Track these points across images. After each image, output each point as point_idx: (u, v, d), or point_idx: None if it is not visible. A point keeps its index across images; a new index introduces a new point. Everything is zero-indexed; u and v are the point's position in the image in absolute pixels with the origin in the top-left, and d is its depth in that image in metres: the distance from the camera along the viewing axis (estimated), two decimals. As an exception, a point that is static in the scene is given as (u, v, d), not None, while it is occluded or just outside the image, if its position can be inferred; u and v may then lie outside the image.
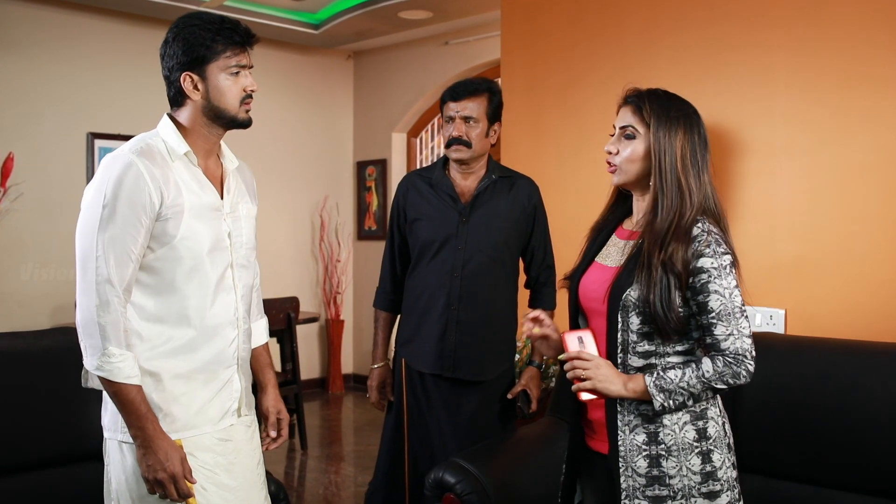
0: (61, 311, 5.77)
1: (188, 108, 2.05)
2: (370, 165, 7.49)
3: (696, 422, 1.92)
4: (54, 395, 2.65)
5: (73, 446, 2.67)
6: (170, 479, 1.90)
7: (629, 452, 1.93)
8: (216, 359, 2.06)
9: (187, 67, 2.01)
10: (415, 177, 3.02)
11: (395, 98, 7.26)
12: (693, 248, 1.87)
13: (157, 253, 1.97)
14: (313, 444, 5.68)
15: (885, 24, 2.80)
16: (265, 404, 2.29)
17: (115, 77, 6.09)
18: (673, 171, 1.92)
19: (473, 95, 2.85)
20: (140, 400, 1.91)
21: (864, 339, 2.76)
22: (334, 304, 7.38)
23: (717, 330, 1.86)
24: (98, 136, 6.00)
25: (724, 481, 1.93)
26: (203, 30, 2.00)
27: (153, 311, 1.99)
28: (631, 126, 1.98)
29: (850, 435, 2.46)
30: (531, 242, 2.99)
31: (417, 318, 2.93)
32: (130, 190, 1.91)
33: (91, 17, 6.00)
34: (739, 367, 1.86)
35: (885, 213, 2.82)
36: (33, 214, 5.71)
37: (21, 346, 2.68)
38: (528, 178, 3.02)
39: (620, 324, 1.93)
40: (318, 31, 6.59)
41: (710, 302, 1.86)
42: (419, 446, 2.92)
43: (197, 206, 2.02)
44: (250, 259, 2.19)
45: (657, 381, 1.87)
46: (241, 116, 2.07)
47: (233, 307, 2.10)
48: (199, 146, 2.07)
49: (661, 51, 3.35)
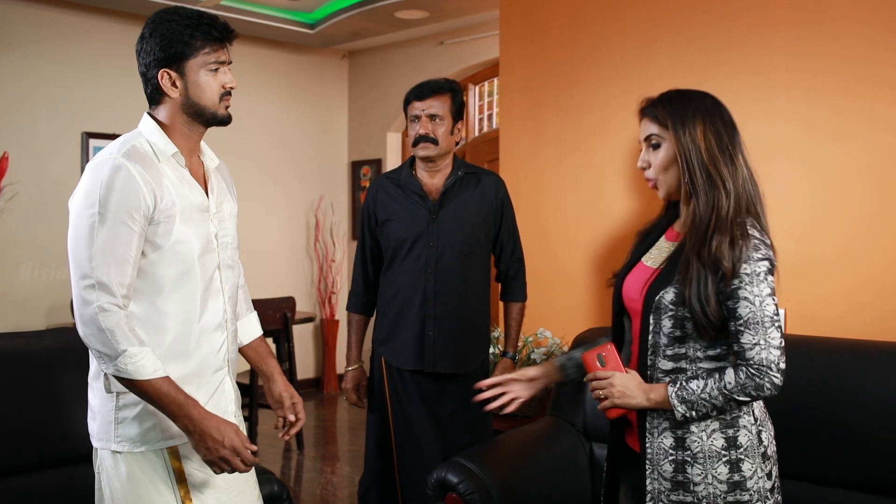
0: (57, 312, 5.74)
1: (167, 106, 2.00)
2: (365, 165, 7.49)
3: (726, 430, 1.89)
4: (53, 396, 2.64)
5: (72, 447, 2.66)
6: (232, 453, 1.86)
7: (656, 455, 1.92)
8: (206, 362, 2.03)
9: (165, 64, 1.95)
10: (383, 179, 3.08)
11: (390, 98, 7.25)
12: (746, 245, 1.84)
13: (150, 258, 1.93)
14: (309, 444, 5.67)
15: (883, 25, 2.82)
16: (276, 391, 2.23)
17: (111, 76, 6.06)
18: (701, 166, 1.90)
19: (437, 94, 2.93)
20: (175, 389, 1.85)
21: (864, 338, 2.77)
22: (329, 303, 7.37)
23: (743, 338, 1.83)
24: (93, 136, 5.98)
25: (755, 492, 1.88)
26: (181, 25, 1.94)
27: (144, 316, 1.94)
28: (653, 134, 1.97)
29: (851, 433, 2.47)
30: (500, 236, 3.06)
31: (394, 316, 2.98)
32: (121, 193, 1.85)
33: (86, 17, 5.98)
34: (763, 380, 1.81)
35: (884, 212, 2.83)
36: (28, 214, 5.68)
37: (21, 347, 2.67)
38: (494, 174, 3.10)
39: (652, 325, 1.92)
40: (313, 31, 6.57)
41: (738, 308, 1.83)
42: (406, 442, 2.96)
43: (187, 208, 1.98)
44: (235, 259, 2.16)
45: (679, 392, 1.85)
46: (221, 113, 2.03)
47: (221, 310, 2.07)
48: (182, 145, 2.03)
49: (660, 51, 3.36)
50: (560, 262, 3.69)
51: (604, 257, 3.55)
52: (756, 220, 1.92)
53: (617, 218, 3.50)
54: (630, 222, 3.45)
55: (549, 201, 3.75)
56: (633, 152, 3.44)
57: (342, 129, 7.67)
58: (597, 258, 3.58)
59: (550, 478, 2.83)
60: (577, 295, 3.63)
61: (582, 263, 3.63)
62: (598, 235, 3.56)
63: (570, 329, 3.56)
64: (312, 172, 7.40)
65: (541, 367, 2.22)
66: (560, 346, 3.56)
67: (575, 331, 3.45)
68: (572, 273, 3.65)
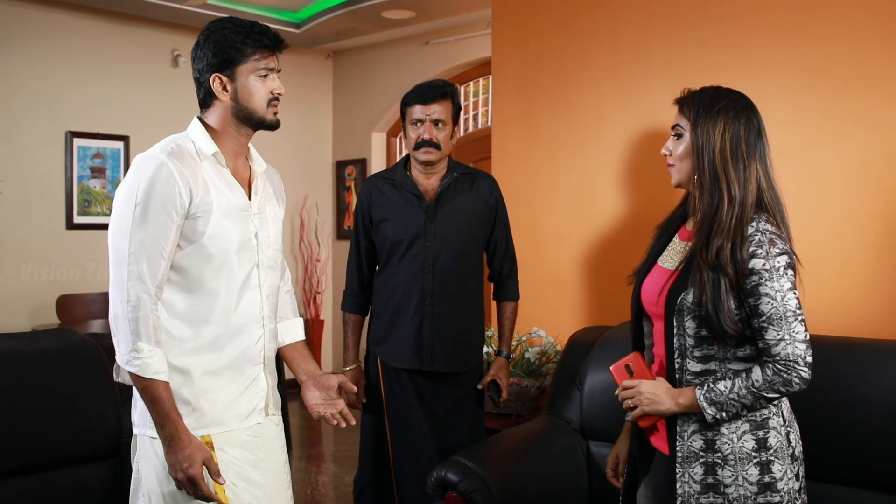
0: (41, 312, 5.69)
1: (217, 110, 2.09)
2: (350, 165, 7.48)
3: (756, 431, 1.88)
4: (52, 397, 2.62)
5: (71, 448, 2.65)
6: (188, 480, 1.91)
7: (686, 458, 1.92)
8: (243, 356, 2.09)
9: (217, 69, 2.04)
10: (377, 179, 3.10)
11: (375, 97, 7.25)
12: (747, 248, 1.84)
13: (186, 251, 2.01)
14: (295, 445, 5.67)
15: (876, 27, 2.85)
16: (329, 381, 2.23)
17: (95, 75, 6.03)
18: (711, 164, 1.91)
19: (441, 99, 2.95)
20: (166, 397, 1.93)
21: (854, 336, 2.80)
22: (314, 303, 7.36)
23: (767, 335, 1.82)
24: (77, 135, 5.94)
25: (785, 493, 1.88)
26: (234, 33, 2.04)
27: (182, 308, 2.02)
28: (678, 125, 2.00)
29: (844, 430, 2.50)
30: (494, 235, 3.09)
31: (391, 316, 2.99)
32: (162, 189, 1.94)
33: (70, 15, 5.93)
34: (791, 375, 1.81)
35: (874, 212, 2.87)
36: (11, 213, 5.63)
37: (18, 348, 2.65)
38: (487, 175, 3.14)
39: (676, 328, 1.92)
40: (299, 31, 6.56)
41: (760, 305, 1.82)
42: (401, 441, 2.97)
43: (225, 205, 2.05)
44: (276, 260, 2.22)
45: (707, 394, 1.85)
46: (269, 118, 2.13)
47: (258, 306, 2.13)
48: (228, 147, 2.11)
49: (653, 51, 3.38)
50: (552, 261, 3.71)
51: (596, 256, 3.57)
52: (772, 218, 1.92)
53: (609, 217, 3.52)
54: (622, 221, 3.47)
55: (541, 200, 3.77)
56: (626, 152, 3.47)
57: (326, 128, 7.66)
58: (589, 257, 3.60)
59: (549, 476, 2.85)
60: (570, 294, 3.65)
61: (574, 262, 3.64)
62: (591, 235, 3.58)
63: (563, 328, 3.58)
64: (297, 172, 7.38)
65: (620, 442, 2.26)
66: (554, 345, 3.58)
67: (568, 330, 3.47)
68: (564, 272, 3.67)
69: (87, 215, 5.92)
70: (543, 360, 3.57)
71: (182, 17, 6.11)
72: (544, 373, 3.56)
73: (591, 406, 3.00)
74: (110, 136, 6.12)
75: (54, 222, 5.81)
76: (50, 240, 5.76)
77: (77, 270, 5.82)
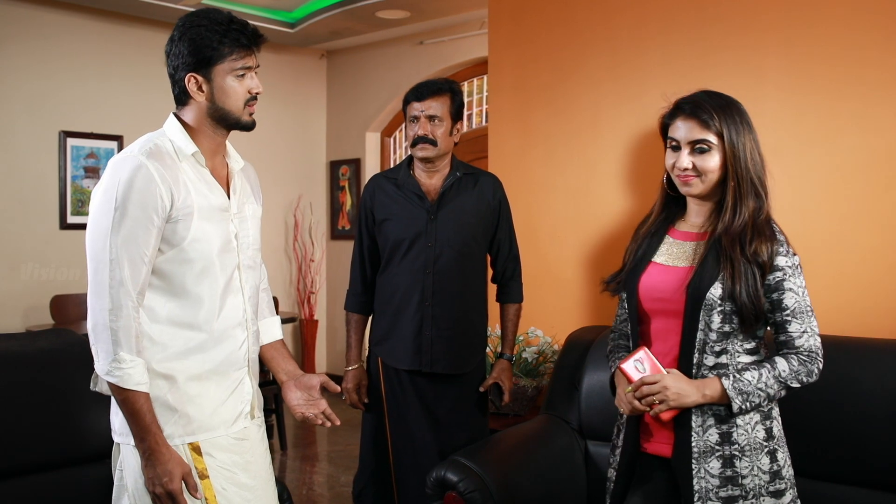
0: (34, 313, 5.66)
1: (193, 109, 2.02)
2: (344, 165, 7.47)
3: (765, 421, 1.95)
4: (50, 397, 2.61)
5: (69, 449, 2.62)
6: (167, 496, 1.88)
7: (703, 454, 1.93)
8: (227, 360, 2.05)
9: (192, 68, 1.97)
10: (380, 178, 3.08)
11: (369, 97, 7.25)
12: (774, 245, 1.93)
13: (167, 255, 1.95)
14: (291, 445, 5.65)
15: (873, 27, 2.87)
16: (311, 381, 2.22)
17: (88, 75, 6.01)
18: (748, 173, 1.97)
19: (437, 95, 2.93)
20: (147, 409, 1.89)
21: (851, 335, 2.81)
22: (308, 303, 7.35)
23: (791, 327, 1.91)
24: (70, 135, 5.92)
25: (787, 479, 1.96)
26: (210, 31, 1.96)
27: (164, 313, 1.97)
28: (704, 140, 1.99)
29: (841, 429, 2.52)
30: (497, 236, 3.07)
31: (392, 316, 2.97)
32: (141, 192, 1.87)
33: (64, 14, 5.90)
34: (812, 365, 1.91)
35: (871, 212, 2.88)
36: (5, 214, 5.60)
37: (16, 348, 2.64)
38: (491, 175, 3.11)
39: (701, 323, 1.94)
40: (293, 30, 6.55)
41: (784, 299, 1.92)
42: (402, 441, 2.96)
43: (206, 207, 1.99)
44: (256, 260, 2.18)
45: (735, 384, 1.89)
46: (244, 119, 2.04)
47: (241, 309, 2.09)
48: (206, 146, 2.05)
49: (650, 51, 3.39)
50: (549, 261, 3.71)
51: (593, 256, 3.58)
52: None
53: (606, 217, 3.53)
54: (619, 221, 3.48)
55: (538, 200, 3.77)
56: (623, 152, 3.47)
57: (320, 128, 7.65)
58: (586, 257, 3.61)
59: (548, 475, 2.85)
60: (567, 294, 3.66)
61: (571, 263, 3.65)
62: (588, 234, 3.59)
63: (560, 328, 3.58)
64: (291, 172, 7.37)
65: None
66: (551, 345, 3.59)
67: (566, 330, 3.48)
68: (561, 272, 3.67)
69: (80, 215, 5.88)
70: (541, 360, 3.58)
71: (176, 17, 6.01)
72: (541, 372, 3.57)
73: (589, 406, 3.01)
74: (104, 135, 6.09)
75: (48, 222, 5.79)
76: (44, 240, 5.73)
77: (71, 271, 5.78)
